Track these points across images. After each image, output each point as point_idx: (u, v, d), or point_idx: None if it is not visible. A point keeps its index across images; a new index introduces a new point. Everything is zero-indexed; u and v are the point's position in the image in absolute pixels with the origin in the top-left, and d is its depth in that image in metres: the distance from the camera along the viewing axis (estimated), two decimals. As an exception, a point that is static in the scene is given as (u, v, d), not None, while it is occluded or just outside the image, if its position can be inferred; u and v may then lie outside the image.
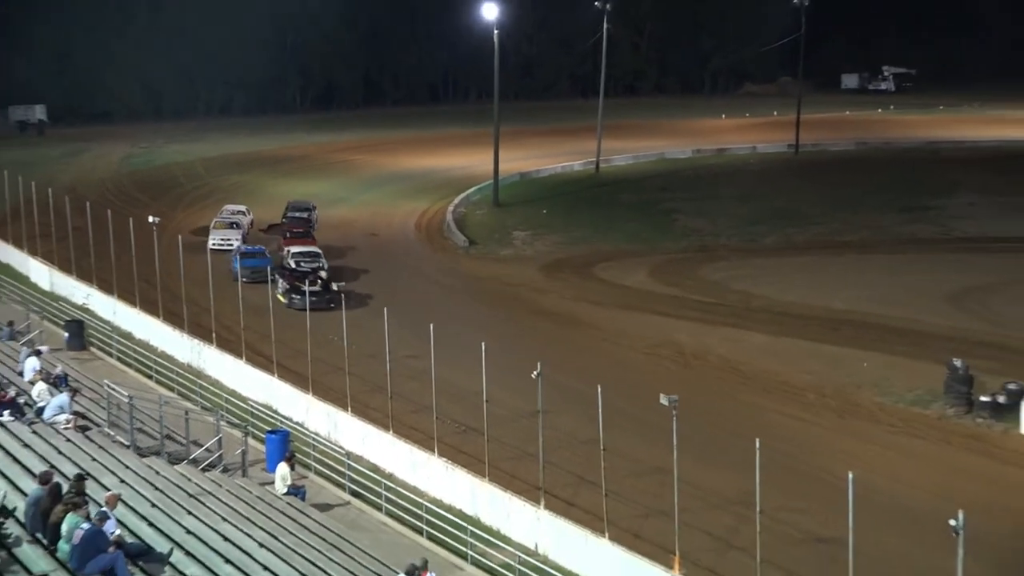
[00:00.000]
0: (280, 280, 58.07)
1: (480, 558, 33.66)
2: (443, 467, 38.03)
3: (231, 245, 67.90)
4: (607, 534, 32.50)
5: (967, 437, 43.53)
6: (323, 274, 60.60)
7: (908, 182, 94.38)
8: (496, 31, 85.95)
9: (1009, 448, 42.54)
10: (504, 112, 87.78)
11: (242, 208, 77.82)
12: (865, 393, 47.62)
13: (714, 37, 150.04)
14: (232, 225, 72.80)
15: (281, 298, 56.57)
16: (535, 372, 35.03)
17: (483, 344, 36.16)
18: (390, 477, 38.84)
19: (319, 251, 64.83)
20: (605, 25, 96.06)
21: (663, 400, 31.25)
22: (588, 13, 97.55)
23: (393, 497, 37.18)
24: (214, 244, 66.44)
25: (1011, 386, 44.75)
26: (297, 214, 76.99)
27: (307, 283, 53.64)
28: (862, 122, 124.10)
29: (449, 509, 36.46)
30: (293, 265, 62.08)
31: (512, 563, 32.94)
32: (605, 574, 32.34)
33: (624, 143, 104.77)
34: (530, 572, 32.31)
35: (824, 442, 40.80)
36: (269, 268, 57.09)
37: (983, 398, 45.17)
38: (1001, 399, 44.76)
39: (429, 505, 36.47)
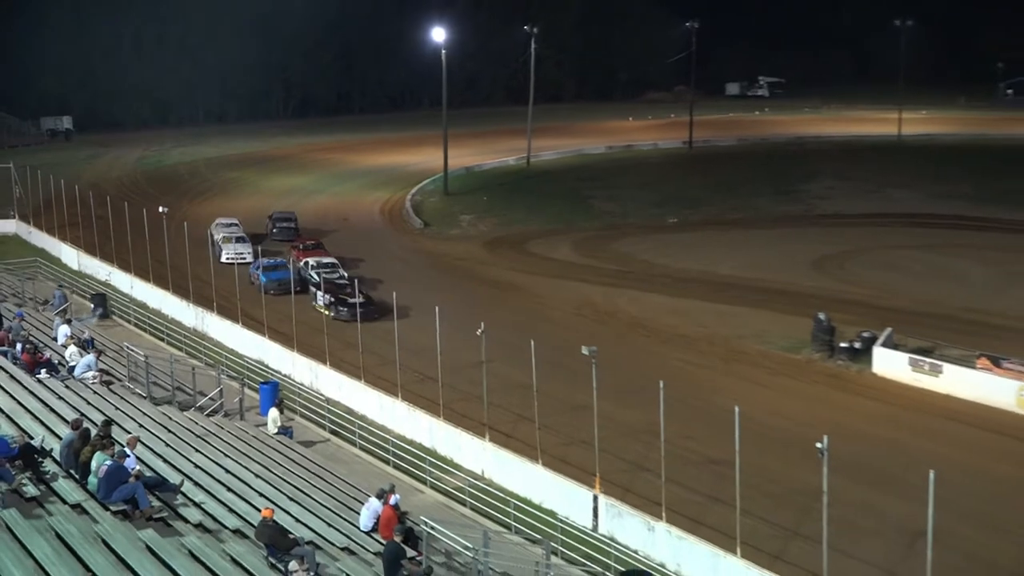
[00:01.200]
0: (318, 292, 51.89)
1: (436, 482, 34.04)
2: (406, 409, 38.39)
3: (246, 259, 60.39)
4: (540, 460, 32.85)
5: (830, 376, 44.23)
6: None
7: (780, 171, 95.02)
8: (444, 51, 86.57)
9: (863, 384, 43.38)
10: (451, 118, 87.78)
11: (234, 221, 68.53)
12: (747, 342, 48.25)
13: (623, 55, 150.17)
14: (240, 239, 64.14)
15: (323, 310, 50.18)
16: (479, 330, 35.12)
17: (436, 308, 36.29)
18: (362, 418, 39.06)
19: (336, 261, 58.10)
20: (532, 46, 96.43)
21: (584, 351, 31.48)
22: (519, 35, 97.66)
23: (365, 434, 37.47)
24: (228, 258, 60.92)
25: (864, 334, 45.56)
26: (284, 224, 70.21)
27: (352, 296, 48.55)
28: (742, 122, 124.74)
29: (411, 443, 36.75)
30: (315, 277, 53.58)
31: (463, 486, 33.18)
32: (539, 493, 32.64)
33: (549, 142, 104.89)
34: (478, 492, 32.52)
35: (714, 382, 41.31)
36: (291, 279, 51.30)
37: (842, 344, 45.84)
38: (857, 345, 45.49)
39: (394, 440, 36.75)
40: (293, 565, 20.41)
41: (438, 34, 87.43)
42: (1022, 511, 26.78)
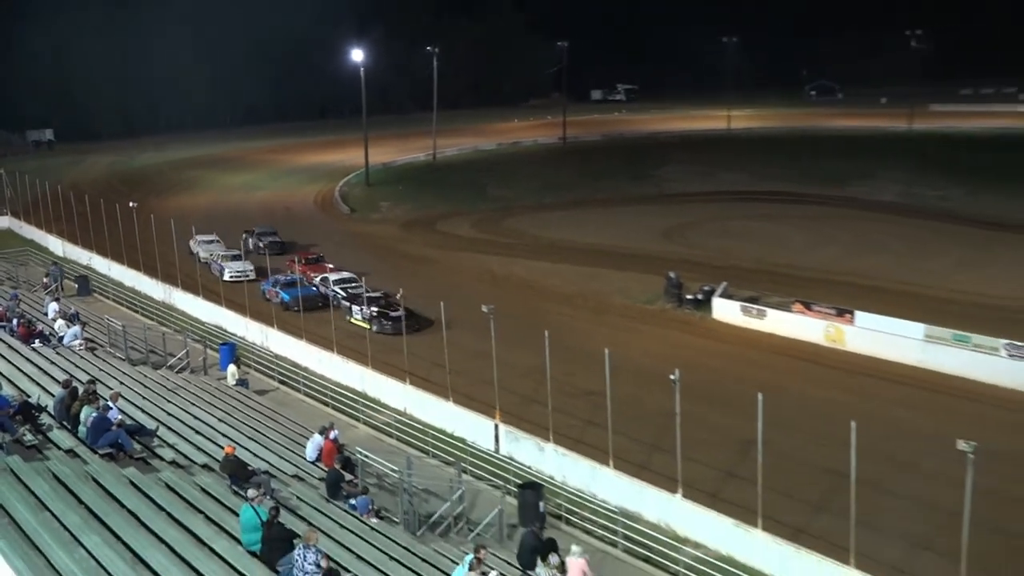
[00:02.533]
0: (352, 305, 44.36)
1: (368, 419, 33.86)
2: (340, 361, 38.14)
3: (249, 276, 50.12)
4: (451, 398, 32.89)
5: (679, 322, 44.86)
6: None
7: (635, 159, 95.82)
8: (362, 68, 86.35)
9: (705, 328, 44.15)
10: (369, 123, 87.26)
11: (214, 237, 58.36)
12: (613, 297, 48.71)
13: (509, 69, 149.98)
14: (236, 257, 52.85)
15: (363, 323, 42.69)
16: (399, 294, 35.07)
17: (363, 278, 36.11)
18: (305, 370, 38.69)
19: (355, 276, 47.87)
20: (435, 63, 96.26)
21: (484, 308, 31.54)
22: (425, 54, 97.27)
23: (307, 382, 37.09)
24: (232, 277, 51.06)
25: (705, 288, 46.29)
26: (270, 239, 59.20)
27: (394, 309, 40.78)
28: (605, 121, 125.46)
29: (346, 388, 36.54)
30: (340, 292, 46.28)
31: (390, 421, 33.17)
32: (451, 424, 32.73)
33: (450, 141, 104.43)
34: (401, 426, 32.51)
35: (588, 330, 41.52)
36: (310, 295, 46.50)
37: (688, 296, 46.49)
38: (699, 296, 46.19)
39: (332, 386, 36.53)
40: (252, 492, 20.18)
41: (357, 55, 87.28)
42: (827, 420, 27.42)
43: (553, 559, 22.09)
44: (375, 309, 43.11)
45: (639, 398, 30.04)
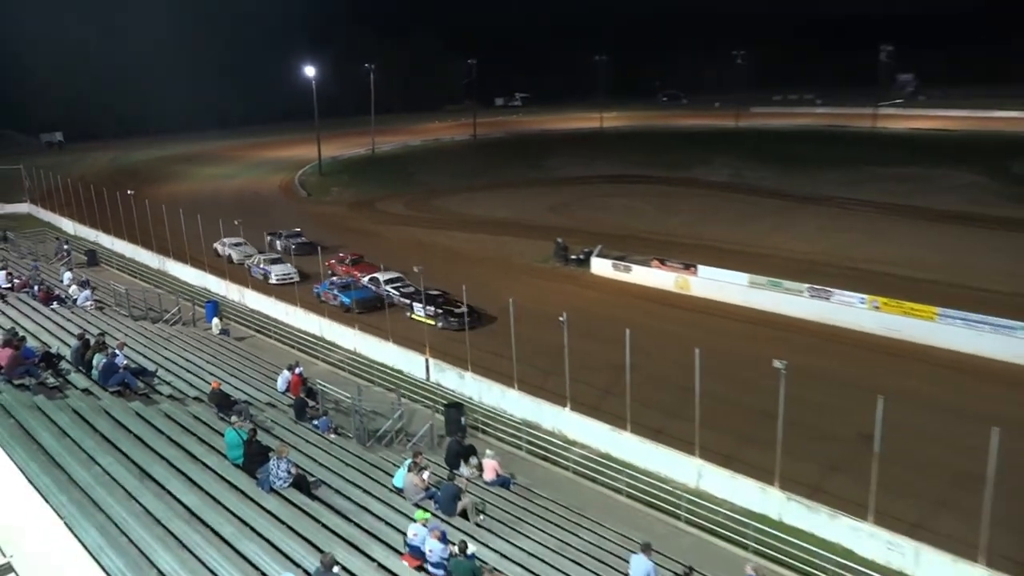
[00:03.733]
0: (415, 303, 37.62)
1: (326, 357, 33.52)
2: (303, 313, 37.61)
3: (294, 278, 43.00)
4: (391, 339, 32.72)
5: (566, 277, 45.12)
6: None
7: (530, 151, 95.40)
8: (314, 81, 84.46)
9: (586, 281, 44.42)
10: (321, 124, 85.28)
11: (241, 240, 48.48)
12: (515, 259, 48.74)
13: (431, 80, 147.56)
14: (277, 260, 45.64)
15: (428, 320, 36.36)
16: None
17: (319, 248, 35.52)
18: (275, 321, 38.09)
19: (402, 275, 40.60)
20: (372, 76, 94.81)
21: (415, 269, 31.42)
22: (364, 70, 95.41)
23: (277, 331, 36.54)
24: (278, 280, 43.31)
25: (585, 250, 46.62)
26: (299, 241, 49.54)
27: (458, 306, 35.33)
28: (506, 122, 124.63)
29: (308, 334, 36.09)
30: (394, 292, 38.98)
31: (344, 359, 32.86)
32: (391, 359, 32.66)
33: (385, 138, 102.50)
34: (353, 362, 32.28)
35: (499, 283, 41.26)
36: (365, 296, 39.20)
37: (572, 257, 46.83)
38: (581, 257, 46.54)
39: (297, 333, 36.07)
40: (234, 417, 19.89)
41: (310, 70, 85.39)
42: (679, 348, 27.93)
43: (473, 460, 22.31)
44: (435, 308, 36.81)
45: (537, 335, 30.24)
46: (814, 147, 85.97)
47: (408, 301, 38.14)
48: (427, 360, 31.18)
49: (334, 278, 41.44)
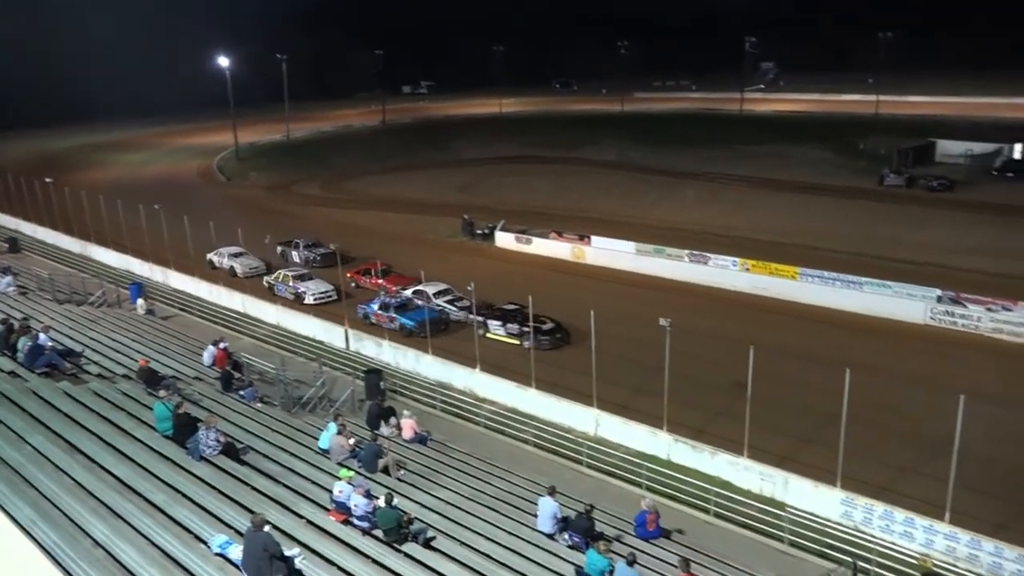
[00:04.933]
0: (490, 321, 30.57)
1: (250, 332, 32.59)
2: (226, 291, 36.35)
3: (332, 296, 35.13)
4: (311, 312, 31.99)
5: (473, 250, 45.02)
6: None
7: (436, 135, 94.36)
8: (228, 70, 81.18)
9: (492, 253, 44.49)
10: (237, 112, 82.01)
11: (241, 249, 40.16)
12: (426, 234, 48.23)
13: (342, 68, 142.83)
14: (304, 276, 36.66)
15: (508, 339, 30.03)
16: (267, 239, 33.62)
17: (239, 229, 34.34)
18: (199, 299, 36.75)
19: (449, 286, 33.81)
20: (284, 67, 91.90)
21: (331, 247, 30.71)
22: (278, 60, 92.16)
23: (201, 309, 35.28)
24: (316, 300, 34.91)
25: (490, 225, 46.56)
26: (321, 251, 40.70)
27: (544, 323, 29.60)
28: (413, 108, 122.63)
29: (231, 311, 34.98)
30: (444, 305, 32.55)
31: (267, 333, 31.98)
32: (312, 331, 31.96)
33: (299, 125, 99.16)
34: (276, 335, 31.46)
35: (414, 256, 40.50)
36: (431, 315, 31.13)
37: (478, 231, 46.75)
38: (486, 231, 46.51)
39: (221, 310, 34.90)
40: (162, 392, 19.11)
41: (223, 60, 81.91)
42: (576, 310, 28.36)
43: (392, 421, 22.13)
44: (518, 325, 29.94)
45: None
46: (690, 128, 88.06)
47: (480, 318, 30.39)
48: (346, 330, 30.67)
49: (386, 297, 33.31)
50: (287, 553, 12.65)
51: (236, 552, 12.61)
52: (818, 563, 16.70)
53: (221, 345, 25.83)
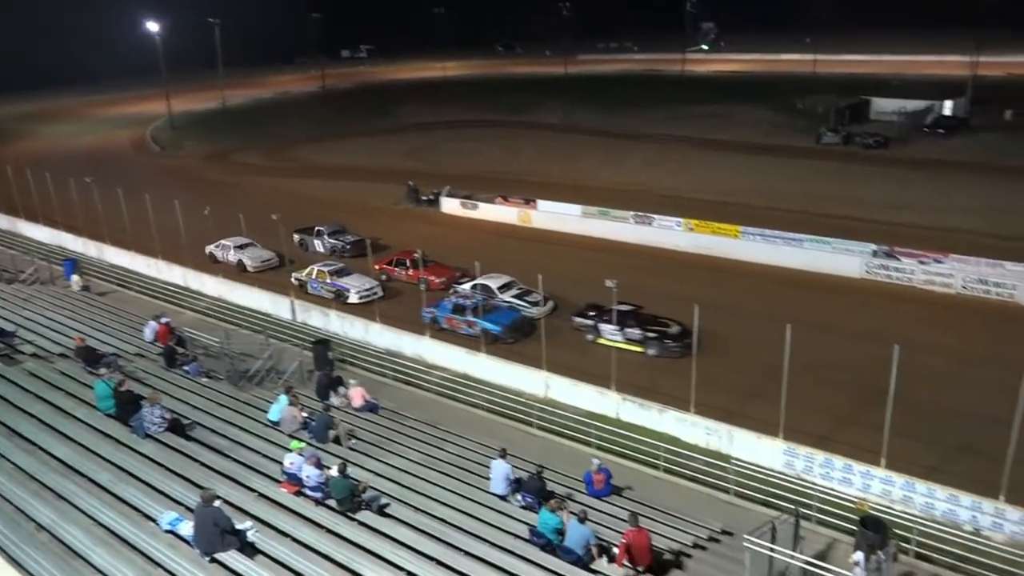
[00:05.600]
0: (602, 324, 26.14)
1: (192, 306, 31.89)
2: (166, 265, 35.44)
3: (378, 293, 30.96)
4: (255, 285, 31.46)
5: (419, 217, 44.74)
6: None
7: (379, 101, 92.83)
8: (158, 35, 78.14)
9: (438, 219, 44.30)
10: (170, 79, 78.95)
11: (247, 240, 36.32)
12: (373, 201, 47.70)
13: (280, 34, 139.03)
14: (344, 271, 32.02)
15: (627, 346, 25.55)
16: (206, 210, 32.78)
17: (176, 202, 33.38)
18: (137, 274, 35.80)
19: (513, 278, 29.75)
20: (217, 32, 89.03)
21: (273, 216, 30.16)
22: (209, 26, 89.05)
23: (139, 284, 34.38)
24: (361, 298, 30.50)
25: (435, 191, 46.19)
26: (351, 239, 36.96)
27: (668, 326, 25.72)
28: (353, 73, 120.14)
29: (172, 284, 34.25)
30: (514, 301, 28.37)
31: (210, 306, 31.35)
32: (256, 303, 31.42)
33: (236, 92, 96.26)
34: (219, 309, 30.83)
35: (360, 225, 40.18)
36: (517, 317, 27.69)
37: (423, 197, 46.39)
38: (431, 197, 46.14)
39: (161, 285, 34.07)
40: (103, 370, 18.65)
41: (152, 25, 78.81)
42: (523, 271, 28.50)
43: (341, 391, 22.03)
44: (640, 329, 25.72)
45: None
46: (634, 90, 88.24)
47: (592, 321, 26.60)
48: (292, 301, 30.25)
49: (458, 297, 28.57)
50: (239, 527, 12.58)
51: (187, 528, 12.50)
52: (762, 511, 17.27)
53: (163, 320, 25.25)
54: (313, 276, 32.12)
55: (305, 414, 18.99)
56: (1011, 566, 15.25)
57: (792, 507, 16.33)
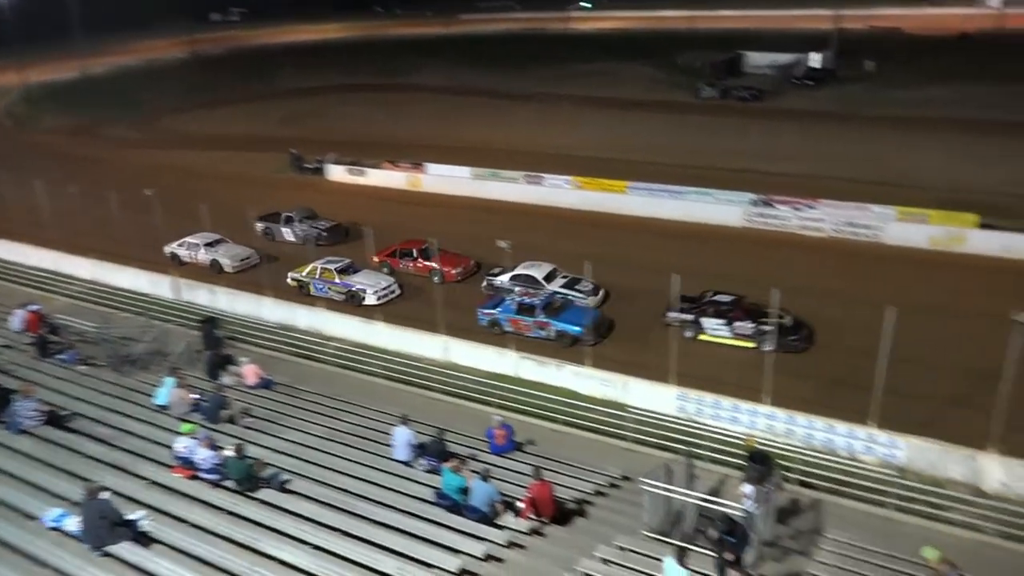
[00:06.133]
0: (704, 319, 23.41)
1: (64, 291, 30.00)
2: (31, 248, 33.16)
3: (395, 291, 27.56)
4: (135, 265, 29.87)
5: (305, 185, 43.53)
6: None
7: (254, 66, 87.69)
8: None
9: (324, 187, 43.29)
10: (23, 50, 72.88)
11: (217, 236, 32.07)
12: (254, 172, 45.98)
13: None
14: (352, 268, 28.25)
15: (735, 342, 23.04)
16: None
17: (38, 181, 31.13)
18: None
19: (555, 266, 26.93)
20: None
21: (147, 192, 28.63)
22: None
23: (2, 271, 31.98)
24: (379, 299, 27.08)
25: (319, 159, 45.11)
26: (325, 224, 34.02)
27: (784, 318, 22.04)
28: (225, 38, 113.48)
29: (39, 270, 32.11)
30: (565, 292, 25.45)
31: (84, 291, 29.57)
32: (135, 284, 29.85)
33: (97, 60, 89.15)
34: (93, 293, 29.15)
35: (240, 196, 38.10)
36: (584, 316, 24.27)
37: (307, 166, 45.27)
38: (315, 165, 44.93)
39: (25, 271, 31.94)
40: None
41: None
42: (413, 229, 28.17)
43: (232, 368, 21.37)
44: (753, 323, 22.73)
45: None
46: (519, 49, 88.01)
47: (693, 317, 23.59)
48: (173, 280, 28.93)
49: (520, 296, 25.01)
50: (130, 517, 12.12)
51: (73, 524, 11.95)
52: (659, 455, 17.95)
53: (31, 308, 23.69)
54: (317, 276, 28.24)
55: (195, 395, 18.35)
56: (883, 485, 16.52)
57: (686, 448, 17.07)
